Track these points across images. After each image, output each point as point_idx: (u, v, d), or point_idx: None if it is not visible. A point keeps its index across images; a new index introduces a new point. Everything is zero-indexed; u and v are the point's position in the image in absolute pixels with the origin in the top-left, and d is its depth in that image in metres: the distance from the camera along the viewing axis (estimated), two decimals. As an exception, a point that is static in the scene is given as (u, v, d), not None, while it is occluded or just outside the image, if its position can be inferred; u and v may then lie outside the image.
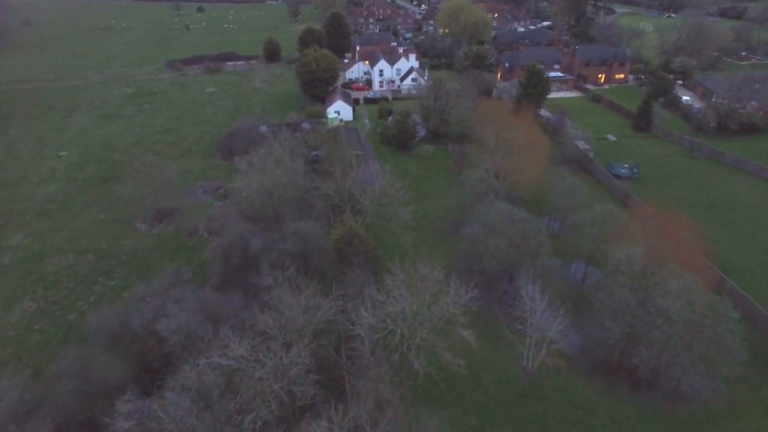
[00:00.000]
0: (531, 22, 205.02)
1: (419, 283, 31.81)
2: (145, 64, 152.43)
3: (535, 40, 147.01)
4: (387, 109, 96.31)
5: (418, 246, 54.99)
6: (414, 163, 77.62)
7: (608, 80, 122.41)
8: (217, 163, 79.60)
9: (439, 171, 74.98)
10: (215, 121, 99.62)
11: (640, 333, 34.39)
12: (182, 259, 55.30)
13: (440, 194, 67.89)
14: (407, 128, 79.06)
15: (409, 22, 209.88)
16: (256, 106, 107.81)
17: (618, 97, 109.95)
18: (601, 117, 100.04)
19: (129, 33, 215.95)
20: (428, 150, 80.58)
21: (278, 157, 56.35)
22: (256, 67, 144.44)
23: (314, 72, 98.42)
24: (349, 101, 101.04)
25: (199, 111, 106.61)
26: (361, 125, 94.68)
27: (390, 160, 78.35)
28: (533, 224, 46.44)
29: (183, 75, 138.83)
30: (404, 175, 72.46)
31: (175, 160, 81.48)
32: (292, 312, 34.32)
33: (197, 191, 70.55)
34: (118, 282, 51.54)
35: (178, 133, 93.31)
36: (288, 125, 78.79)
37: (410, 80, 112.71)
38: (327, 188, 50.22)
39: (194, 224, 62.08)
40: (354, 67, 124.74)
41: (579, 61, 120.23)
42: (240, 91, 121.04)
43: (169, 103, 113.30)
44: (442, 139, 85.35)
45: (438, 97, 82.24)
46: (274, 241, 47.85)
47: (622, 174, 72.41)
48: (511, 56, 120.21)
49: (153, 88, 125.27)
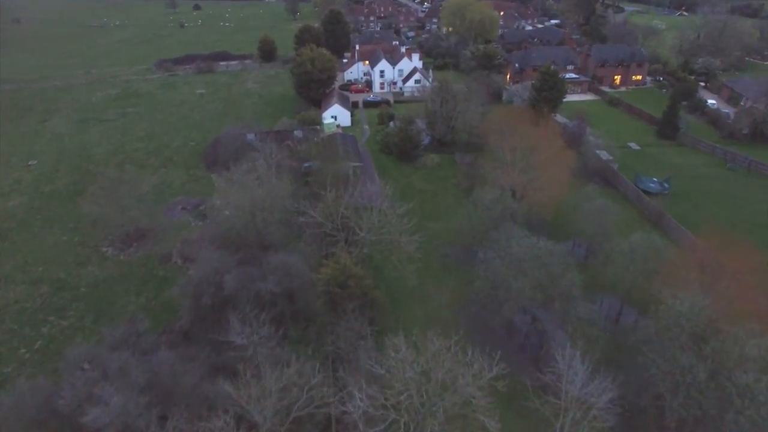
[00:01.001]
0: (538, 20, 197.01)
1: (431, 362, 24.22)
2: (135, 64, 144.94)
3: (545, 39, 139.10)
4: (388, 113, 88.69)
5: (424, 280, 47.26)
6: (418, 176, 69.89)
7: (624, 82, 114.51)
8: (200, 175, 71.95)
9: (446, 185, 67.21)
10: (202, 126, 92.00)
11: (713, 415, 26.74)
12: (150, 293, 47.70)
13: (448, 214, 60.21)
14: (411, 136, 71.36)
15: (412, 20, 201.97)
16: (247, 110, 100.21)
17: (636, 100, 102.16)
18: (621, 123, 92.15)
19: (121, 31, 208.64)
20: (434, 160, 72.84)
21: (262, 175, 48.68)
22: (250, 67, 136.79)
23: (309, 73, 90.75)
24: (348, 105, 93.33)
25: (186, 115, 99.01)
26: (360, 132, 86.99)
27: (391, 173, 70.80)
28: (562, 259, 38.72)
29: (173, 75, 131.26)
30: (407, 191, 65.04)
31: (154, 171, 74.02)
32: (269, 386, 26.72)
33: (175, 208, 62.90)
34: (73, 321, 43.93)
35: (161, 140, 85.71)
36: (278, 133, 71.16)
37: (413, 82, 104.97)
38: (317, 215, 42.49)
39: (168, 248, 54.48)
40: (353, 67, 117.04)
41: (594, 62, 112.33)
42: (231, 93, 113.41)
43: (154, 105, 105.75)
44: (448, 148, 77.64)
45: (445, 101, 74.51)
46: (254, 277, 40.25)
47: (652, 189, 64.58)
48: (521, 56, 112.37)
49: (139, 90, 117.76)
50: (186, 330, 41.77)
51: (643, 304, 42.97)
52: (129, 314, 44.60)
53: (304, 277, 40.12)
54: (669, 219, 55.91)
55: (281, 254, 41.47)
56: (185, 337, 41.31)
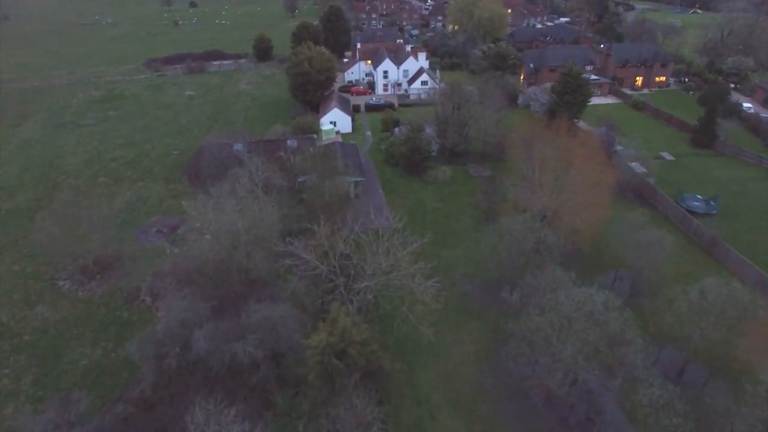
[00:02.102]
0: (547, 18, 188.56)
1: None
2: (123, 63, 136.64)
3: (558, 38, 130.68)
4: (393, 118, 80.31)
5: (440, 327, 38.83)
6: (428, 192, 61.51)
7: (647, 83, 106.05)
8: (181, 190, 63.59)
9: (460, 204, 58.80)
10: (188, 132, 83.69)
11: None
12: (109, 341, 39.42)
13: (465, 239, 51.91)
14: (419, 146, 62.99)
15: (415, 17, 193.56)
16: (239, 114, 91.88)
17: (660, 103, 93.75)
18: (648, 129, 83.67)
19: (113, 29, 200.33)
20: (445, 173, 64.45)
21: (245, 197, 40.37)
22: (244, 67, 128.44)
23: (307, 74, 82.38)
24: (348, 109, 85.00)
25: (172, 119, 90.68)
26: (361, 139, 78.61)
27: (398, 188, 62.48)
28: (621, 316, 30.35)
29: (161, 76, 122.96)
30: (416, 211, 56.76)
31: (130, 184, 65.70)
32: None
33: (149, 231, 54.55)
34: (6, 383, 35.58)
35: (142, 148, 77.38)
36: (269, 143, 62.79)
37: (420, 83, 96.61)
38: (309, 256, 34.06)
39: (137, 282, 46.20)
40: (354, 67, 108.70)
41: (614, 62, 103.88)
42: (223, 95, 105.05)
43: (139, 108, 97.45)
44: (460, 158, 69.31)
45: (458, 105, 66.15)
46: (231, 336, 31.98)
47: (696, 209, 56.25)
48: (536, 56, 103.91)
49: (124, 91, 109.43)
50: (148, 397, 33.45)
51: (715, 360, 34.96)
52: (79, 372, 36.34)
53: (294, 336, 31.82)
54: (726, 248, 47.52)
55: (265, 305, 33.09)
56: (147, 406, 33.00)
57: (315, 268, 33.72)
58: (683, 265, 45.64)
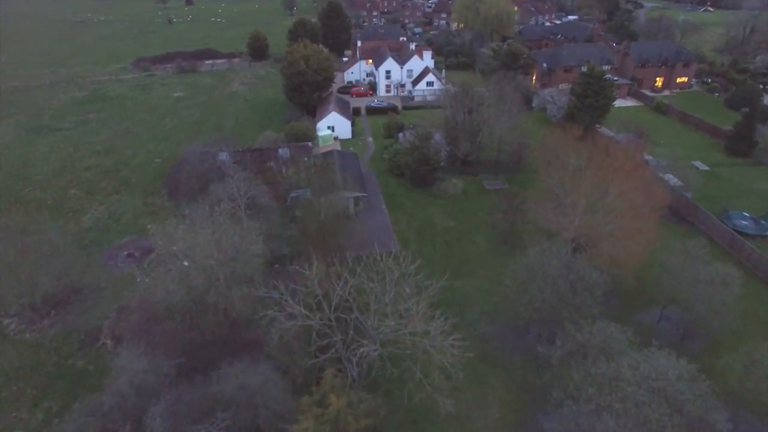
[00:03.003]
0: (555, 15, 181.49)
1: None
2: (111, 63, 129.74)
3: (570, 36, 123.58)
4: (397, 123, 73.32)
5: (457, 383, 31.68)
6: (438, 208, 54.46)
7: (668, 84, 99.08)
8: (159, 205, 56.63)
9: (475, 222, 51.75)
10: (173, 138, 76.68)
11: None
12: (56, 400, 32.41)
13: (481, 265, 44.91)
14: (428, 156, 55.97)
15: (418, 15, 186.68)
16: (229, 118, 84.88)
17: (684, 105, 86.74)
18: (675, 135, 76.66)
19: (105, 27, 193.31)
20: (456, 186, 57.41)
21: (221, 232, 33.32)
22: (238, 66, 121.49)
23: (302, 74, 75.35)
24: (347, 112, 78.02)
25: (157, 123, 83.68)
26: (362, 146, 71.58)
27: (404, 204, 55.48)
28: (699, 390, 23.39)
29: (150, 75, 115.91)
30: (425, 230, 49.75)
31: (104, 197, 58.73)
32: None
33: (119, 255, 47.51)
34: None
35: (121, 156, 70.41)
36: (258, 152, 55.75)
37: (425, 84, 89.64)
38: (297, 306, 26.93)
39: (98, 319, 39.22)
40: (354, 67, 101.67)
41: (633, 61, 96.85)
42: (213, 96, 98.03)
43: (123, 111, 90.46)
44: (472, 168, 62.36)
45: (469, 109, 59.15)
46: (196, 409, 24.99)
47: (746, 229, 49.23)
48: (549, 55, 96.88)
49: (109, 92, 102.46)
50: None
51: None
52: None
53: (275, 411, 24.82)
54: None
55: (243, 367, 26.07)
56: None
57: (307, 317, 26.65)
58: (743, 302, 38.59)
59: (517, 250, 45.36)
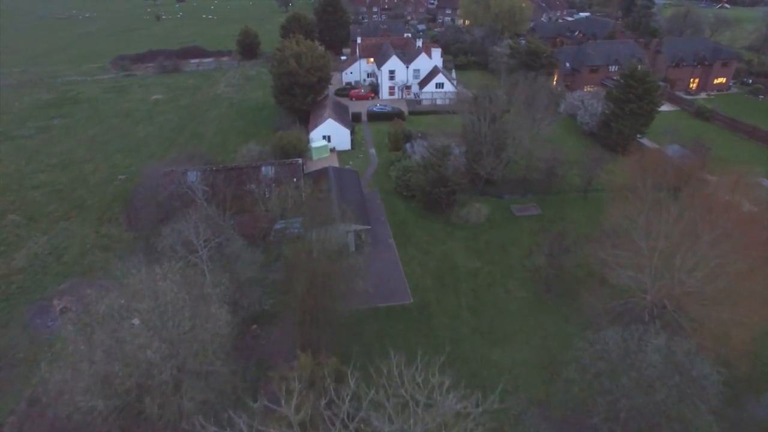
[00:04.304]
0: (567, 12, 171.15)
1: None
2: (89, 61, 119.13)
3: (589, 33, 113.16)
4: (404, 132, 62.77)
5: None
6: (459, 242, 43.90)
7: (703, 86, 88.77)
8: (116, 236, 46.05)
9: (507, 261, 41.25)
10: (144, 148, 66.13)
11: None
12: None
13: (522, 325, 34.45)
14: (445, 177, 45.40)
15: (421, 11, 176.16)
16: (211, 124, 74.27)
17: (725, 110, 76.41)
18: (725, 145, 66.02)
19: (89, 23, 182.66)
20: (480, 212, 46.83)
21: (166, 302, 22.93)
22: (226, 65, 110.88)
23: (293, 74, 64.75)
24: (346, 119, 67.49)
25: (129, 130, 73.08)
26: (364, 160, 61.00)
27: (415, 234, 44.94)
28: None
29: (129, 76, 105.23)
30: (444, 271, 39.41)
31: (48, 225, 48.15)
32: None
33: (51, 309, 36.89)
34: None
35: (80, 170, 59.89)
36: (236, 171, 45.06)
37: (434, 86, 79.15)
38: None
39: (6, 406, 28.68)
40: (354, 66, 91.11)
41: (666, 60, 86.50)
42: (195, 99, 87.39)
43: (92, 116, 79.85)
44: (495, 187, 51.95)
45: (493, 118, 48.66)
46: None
47: None
48: (573, 53, 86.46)
49: (80, 94, 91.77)
50: None
51: None
52: None
53: None
54: None
55: None
56: None
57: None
58: None
59: (565, 301, 35.08)
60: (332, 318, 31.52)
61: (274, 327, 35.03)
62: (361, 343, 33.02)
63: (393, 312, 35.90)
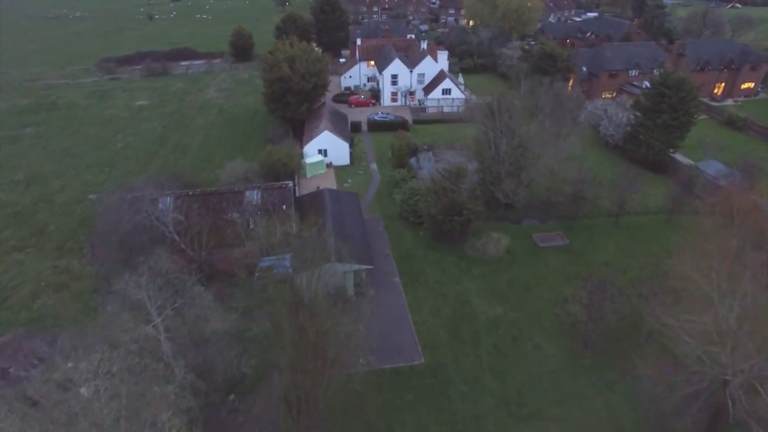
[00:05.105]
0: (575, 12, 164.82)
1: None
2: (74, 63, 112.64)
3: (603, 34, 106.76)
4: (409, 144, 56.34)
5: None
6: (476, 281, 37.45)
7: (730, 92, 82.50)
8: (76, 272, 39.66)
9: (534, 306, 34.82)
10: (122, 162, 59.76)
11: None
12: None
13: (555, 391, 28.05)
14: (460, 203, 38.97)
15: (423, 11, 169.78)
16: (197, 134, 67.85)
17: (756, 117, 70.10)
18: (765, 158, 59.90)
19: (79, 23, 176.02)
20: (499, 244, 40.39)
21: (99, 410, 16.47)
22: (218, 68, 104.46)
23: (286, 80, 58.34)
24: (345, 130, 61.08)
25: (107, 141, 66.69)
26: (364, 177, 54.54)
27: (424, 271, 38.53)
28: None
29: (114, 79, 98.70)
30: (458, 319, 33.13)
31: (0, 256, 41.70)
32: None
33: (-15, 370, 30.47)
34: None
35: (46, 189, 53.50)
36: (215, 197, 38.60)
37: (441, 92, 72.72)
38: None
39: None
40: (353, 70, 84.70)
41: (690, 64, 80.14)
42: (183, 105, 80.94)
43: (69, 124, 73.41)
44: (512, 212, 45.52)
45: (515, 134, 42.28)
46: None
47: None
48: (589, 56, 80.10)
49: (59, 100, 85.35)
50: None
51: None
52: None
53: None
54: None
55: None
56: None
57: None
58: None
59: (608, 361, 28.79)
60: (326, 389, 25.31)
61: (257, 396, 28.70)
62: (362, 421, 26.70)
63: (401, 376, 29.52)
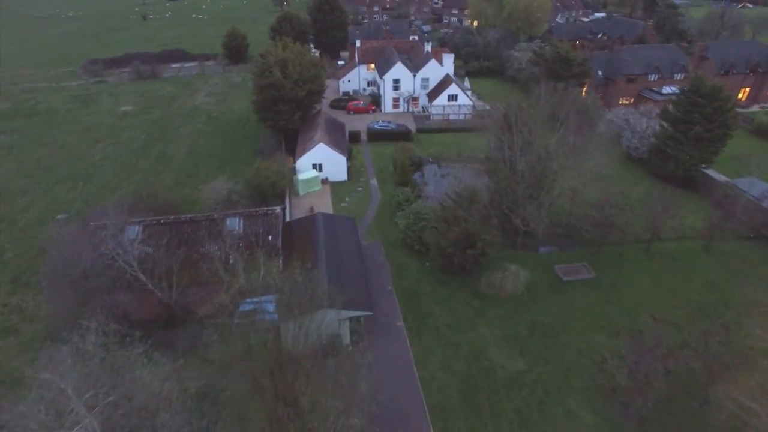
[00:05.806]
0: (583, 12, 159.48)
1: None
2: (60, 65, 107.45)
3: (615, 35, 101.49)
4: (413, 158, 51.01)
5: None
6: (492, 326, 32.03)
7: (755, 97, 77.24)
8: (29, 312, 34.23)
9: (563, 360, 29.44)
10: (98, 176, 54.49)
11: None
12: None
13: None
14: (475, 234, 33.59)
15: (425, 11, 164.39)
16: (182, 144, 62.55)
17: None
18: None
19: (71, 23, 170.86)
20: (516, 279, 34.98)
21: None
22: (210, 71, 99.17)
23: (278, 86, 53.02)
24: (342, 141, 55.74)
25: (85, 151, 61.41)
26: (363, 195, 49.13)
27: (431, 313, 33.15)
28: None
29: (100, 82, 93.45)
30: (475, 379, 27.76)
31: (-55, 291, 36.38)
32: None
33: None
34: None
35: (11, 206, 48.24)
36: (190, 226, 33.27)
37: (446, 98, 67.40)
38: None
39: None
40: (352, 73, 79.35)
41: (713, 67, 74.78)
42: (170, 111, 75.62)
43: (46, 131, 68.18)
44: (529, 240, 40.13)
45: (540, 156, 36.97)
46: None
47: None
48: (605, 60, 74.74)
49: (39, 104, 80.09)
50: None
51: None
52: None
53: None
54: None
55: None
56: None
57: None
58: None
59: None
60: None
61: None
62: None
63: (406, 455, 24.22)
